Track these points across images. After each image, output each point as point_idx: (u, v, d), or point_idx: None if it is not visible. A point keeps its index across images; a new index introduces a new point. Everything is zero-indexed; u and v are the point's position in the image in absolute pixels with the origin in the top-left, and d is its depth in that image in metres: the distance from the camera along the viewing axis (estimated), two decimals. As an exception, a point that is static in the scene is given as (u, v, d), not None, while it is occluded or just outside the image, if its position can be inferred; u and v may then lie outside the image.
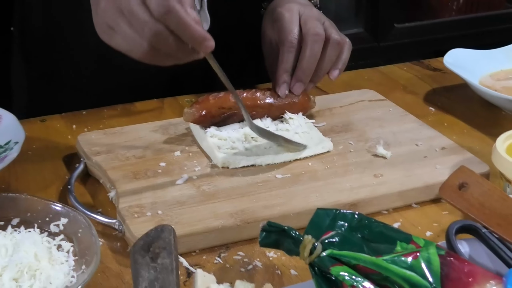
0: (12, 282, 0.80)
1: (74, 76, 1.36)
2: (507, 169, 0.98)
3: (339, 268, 0.70)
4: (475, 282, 0.70)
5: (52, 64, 1.35)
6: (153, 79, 1.34)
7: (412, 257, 0.71)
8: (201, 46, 0.90)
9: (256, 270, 0.88)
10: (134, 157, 1.08)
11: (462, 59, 1.38)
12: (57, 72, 1.36)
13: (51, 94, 1.36)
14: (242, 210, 0.95)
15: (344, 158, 1.09)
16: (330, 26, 1.18)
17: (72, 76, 1.36)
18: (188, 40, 0.89)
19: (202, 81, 1.37)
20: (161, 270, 0.73)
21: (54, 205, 0.91)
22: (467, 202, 0.84)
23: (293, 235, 0.74)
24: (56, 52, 1.34)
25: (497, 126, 1.16)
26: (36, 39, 1.36)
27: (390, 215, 1.00)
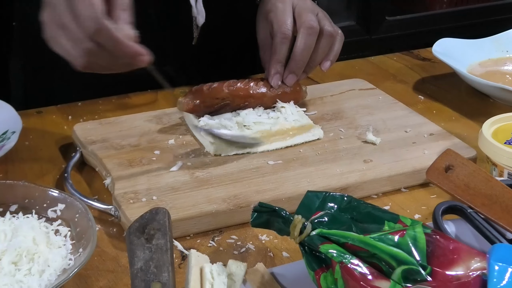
0: (11, 266, 0.82)
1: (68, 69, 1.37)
2: (493, 153, 1.00)
3: (328, 246, 0.72)
4: (460, 258, 0.72)
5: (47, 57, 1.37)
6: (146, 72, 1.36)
7: (399, 235, 0.73)
8: (135, 61, 0.92)
9: (249, 252, 0.90)
10: (129, 145, 1.10)
11: (450, 48, 1.41)
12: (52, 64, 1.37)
13: (47, 86, 1.38)
14: (235, 195, 0.97)
15: (334, 144, 1.11)
16: (323, 17, 1.19)
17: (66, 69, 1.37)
18: (122, 57, 0.91)
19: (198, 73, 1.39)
20: (156, 250, 0.75)
21: (51, 191, 0.93)
22: (453, 184, 0.86)
23: (284, 215, 0.76)
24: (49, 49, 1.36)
25: (485, 113, 1.18)
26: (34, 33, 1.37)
27: (379, 199, 1.02)
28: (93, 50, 0.90)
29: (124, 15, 0.91)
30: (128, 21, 0.92)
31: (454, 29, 2.74)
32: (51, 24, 0.92)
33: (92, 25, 0.88)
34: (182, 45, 1.35)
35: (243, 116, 1.14)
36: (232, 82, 1.16)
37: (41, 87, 1.39)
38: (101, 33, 0.88)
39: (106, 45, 0.89)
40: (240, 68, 1.45)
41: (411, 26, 2.77)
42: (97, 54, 0.90)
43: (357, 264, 0.71)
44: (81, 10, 0.88)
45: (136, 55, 0.91)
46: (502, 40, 1.47)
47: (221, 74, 1.37)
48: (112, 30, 0.89)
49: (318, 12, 1.19)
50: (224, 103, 1.15)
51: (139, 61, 0.92)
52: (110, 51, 0.90)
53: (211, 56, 1.40)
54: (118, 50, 0.90)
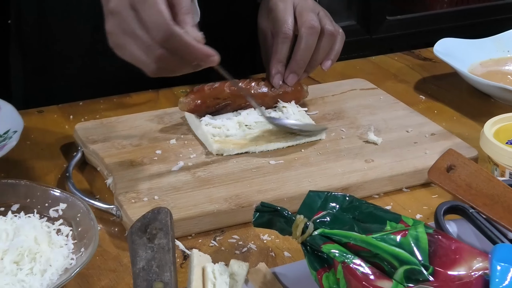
0: (13, 265, 0.82)
1: (68, 68, 1.38)
2: (495, 153, 1.01)
3: (330, 246, 0.72)
4: (462, 258, 0.72)
5: (47, 56, 1.37)
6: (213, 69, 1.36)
7: (401, 235, 0.73)
8: (206, 63, 0.93)
9: (251, 252, 0.91)
10: (131, 145, 1.10)
11: (452, 48, 1.41)
12: (52, 64, 1.38)
13: (48, 86, 1.38)
14: (236, 195, 0.97)
15: (336, 144, 1.11)
16: (324, 16, 1.19)
17: (66, 68, 1.38)
18: (193, 60, 0.92)
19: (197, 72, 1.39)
20: (158, 250, 0.75)
21: (53, 191, 0.93)
22: (455, 184, 0.86)
23: (286, 215, 0.76)
24: (49, 44, 1.36)
25: (486, 113, 1.18)
26: (30, 32, 1.37)
27: (381, 199, 1.02)
28: (165, 56, 0.90)
29: (188, 19, 0.92)
30: (193, 24, 0.92)
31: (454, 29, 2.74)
32: (117, 33, 0.93)
33: (162, 32, 0.89)
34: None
35: (244, 116, 1.14)
36: (233, 82, 1.15)
37: (42, 86, 1.39)
38: (172, 39, 0.89)
39: (177, 50, 0.90)
40: (240, 68, 1.45)
41: (412, 26, 2.77)
42: (169, 59, 0.91)
43: (359, 264, 0.71)
44: (149, 17, 0.89)
45: (207, 57, 0.92)
46: (503, 40, 1.47)
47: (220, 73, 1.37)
48: (182, 35, 0.90)
49: (319, 11, 1.19)
50: (226, 103, 1.15)
51: (210, 62, 0.93)
52: (181, 55, 0.91)
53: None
54: (189, 54, 0.91)
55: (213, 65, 0.94)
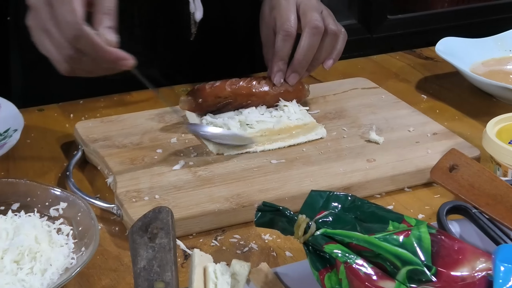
0: (13, 264, 0.82)
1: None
2: (497, 153, 1.00)
3: (333, 246, 0.72)
4: (465, 259, 0.71)
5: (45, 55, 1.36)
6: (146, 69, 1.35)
7: (403, 235, 0.72)
8: (118, 66, 0.92)
9: (252, 252, 0.90)
10: (131, 144, 1.10)
11: (453, 47, 1.40)
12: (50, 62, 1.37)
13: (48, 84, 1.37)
14: (237, 194, 0.97)
15: (337, 143, 1.10)
16: (327, 15, 1.18)
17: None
18: (104, 62, 0.91)
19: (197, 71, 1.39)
20: (159, 249, 0.74)
21: (54, 189, 0.93)
22: (457, 183, 0.85)
23: (288, 214, 0.76)
24: None
25: (488, 113, 1.18)
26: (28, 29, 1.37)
27: (383, 198, 1.02)
28: (75, 55, 0.90)
29: (106, 20, 0.91)
30: (109, 25, 0.91)
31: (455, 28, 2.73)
32: (35, 28, 0.93)
33: (71, 31, 0.88)
34: (180, 40, 1.35)
35: (245, 115, 1.13)
36: (234, 80, 1.15)
37: (42, 84, 1.38)
38: (80, 39, 0.88)
39: (86, 51, 0.90)
40: (239, 66, 1.45)
41: (413, 25, 2.76)
42: (79, 59, 0.91)
43: (361, 264, 0.70)
44: (61, 15, 0.88)
45: (117, 60, 0.91)
46: (505, 39, 1.47)
47: (220, 71, 1.37)
48: (91, 36, 0.89)
49: (322, 9, 1.18)
50: (227, 102, 1.14)
51: (121, 66, 0.92)
52: (91, 56, 0.90)
53: (210, 53, 1.40)
54: (100, 56, 0.90)
55: (126, 69, 0.93)
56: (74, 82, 1.36)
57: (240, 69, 1.42)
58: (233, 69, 1.41)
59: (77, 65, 0.92)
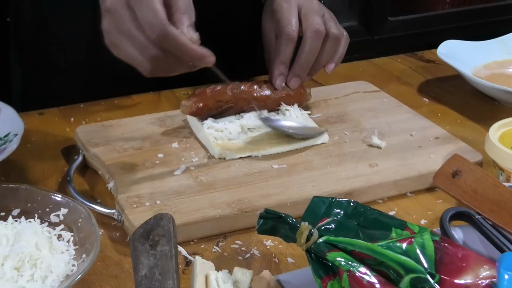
0: (14, 271, 0.81)
1: (68, 68, 1.37)
2: (500, 157, 1.00)
3: (336, 253, 0.71)
4: (469, 266, 0.71)
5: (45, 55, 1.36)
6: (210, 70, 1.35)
7: (407, 242, 0.72)
8: (202, 63, 0.92)
9: (254, 258, 0.90)
10: (132, 148, 1.09)
11: (455, 50, 1.40)
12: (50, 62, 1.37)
13: (49, 88, 1.37)
14: (239, 200, 0.96)
15: (339, 148, 1.10)
16: (329, 19, 1.18)
17: (65, 68, 1.37)
18: (188, 60, 0.91)
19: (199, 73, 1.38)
20: (161, 257, 0.74)
21: (54, 195, 0.92)
22: (460, 189, 0.85)
23: (290, 222, 0.75)
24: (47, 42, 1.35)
25: (490, 116, 1.17)
26: (28, 29, 1.36)
27: (385, 204, 1.01)
28: (160, 56, 0.89)
29: (185, 19, 0.91)
30: (189, 24, 0.91)
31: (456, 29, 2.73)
32: (113, 32, 0.92)
33: (157, 32, 0.87)
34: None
35: (246, 119, 1.13)
36: (235, 84, 1.15)
37: (43, 88, 1.38)
38: (167, 39, 0.88)
39: (172, 50, 0.89)
40: (238, 69, 1.44)
41: (414, 27, 2.76)
42: (164, 59, 0.90)
43: (364, 272, 0.70)
44: (144, 16, 0.88)
45: (202, 58, 0.91)
46: (507, 42, 1.46)
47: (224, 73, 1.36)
48: (177, 35, 0.88)
49: (324, 13, 1.18)
50: (228, 106, 1.14)
51: (205, 63, 0.92)
52: (176, 55, 0.90)
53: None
54: (185, 55, 0.90)
55: (209, 65, 0.93)
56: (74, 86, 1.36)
57: (241, 71, 1.42)
58: (234, 71, 1.41)
59: (160, 65, 0.91)
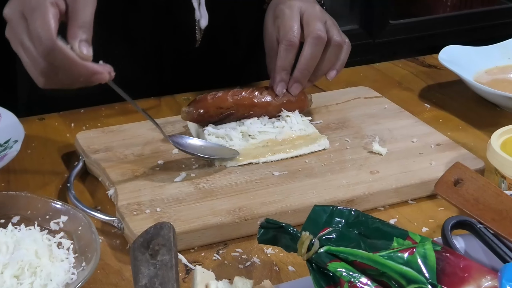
0: (13, 279, 0.81)
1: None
2: (502, 165, 0.99)
3: (337, 264, 0.71)
4: (470, 277, 0.71)
5: None
6: (148, 77, 1.35)
7: (408, 253, 0.72)
8: (92, 80, 0.91)
9: (254, 266, 0.89)
10: (133, 155, 1.09)
11: (457, 55, 1.39)
12: None
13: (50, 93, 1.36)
14: (240, 207, 0.96)
15: (340, 155, 1.10)
16: (332, 25, 1.17)
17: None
18: (78, 76, 0.90)
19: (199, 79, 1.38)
20: (161, 266, 0.74)
21: (54, 203, 0.92)
22: (462, 198, 0.84)
23: (291, 231, 0.75)
24: None
25: (492, 123, 1.17)
26: None
27: (386, 211, 1.01)
28: (49, 69, 0.89)
29: (80, 33, 0.90)
30: (84, 38, 0.90)
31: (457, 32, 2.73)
32: (12, 40, 0.92)
33: (44, 46, 0.87)
34: (185, 48, 1.34)
35: (247, 125, 1.12)
36: (236, 91, 1.14)
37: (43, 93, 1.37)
38: (53, 54, 0.87)
39: (60, 65, 0.89)
40: (245, 73, 1.44)
41: (415, 30, 2.77)
42: (55, 73, 0.90)
43: (366, 283, 0.70)
44: (34, 29, 0.88)
45: (92, 75, 0.90)
46: (509, 47, 1.46)
47: (225, 79, 1.36)
48: (64, 50, 0.88)
49: (326, 20, 1.17)
50: (229, 113, 1.13)
51: (97, 80, 0.91)
52: (66, 71, 0.89)
53: (215, 60, 1.39)
54: (74, 71, 0.89)
55: (102, 82, 0.92)
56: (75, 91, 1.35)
57: (246, 77, 1.42)
58: (239, 77, 1.41)
59: (53, 79, 0.91)
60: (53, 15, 0.88)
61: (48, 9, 0.88)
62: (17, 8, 0.90)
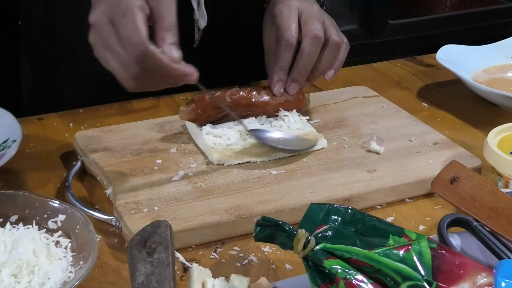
0: (11, 278, 0.81)
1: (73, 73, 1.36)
2: (499, 163, 0.99)
3: (333, 261, 0.71)
4: (466, 274, 0.71)
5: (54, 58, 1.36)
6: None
7: (404, 250, 0.72)
8: (184, 81, 0.92)
9: (252, 264, 0.89)
10: (131, 154, 1.09)
11: (454, 55, 1.39)
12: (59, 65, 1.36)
13: (49, 93, 1.37)
14: (237, 206, 0.96)
15: (338, 154, 1.10)
16: (330, 25, 1.17)
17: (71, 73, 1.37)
18: (170, 79, 0.92)
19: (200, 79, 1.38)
20: (158, 264, 0.74)
21: (52, 202, 0.92)
22: (459, 196, 0.85)
23: (287, 229, 0.75)
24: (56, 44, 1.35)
25: (490, 122, 1.17)
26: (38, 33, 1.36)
27: (383, 209, 1.01)
28: (142, 73, 0.90)
29: (169, 36, 0.91)
30: (173, 41, 0.91)
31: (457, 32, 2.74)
32: (99, 46, 0.92)
33: (137, 51, 0.88)
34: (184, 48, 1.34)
35: (245, 124, 1.13)
36: (234, 90, 1.15)
37: (42, 93, 1.38)
38: (146, 58, 0.88)
39: (153, 69, 0.89)
40: (246, 73, 1.44)
41: (414, 30, 2.77)
42: (146, 77, 0.90)
43: (361, 280, 0.70)
44: (125, 34, 0.88)
45: (184, 76, 0.92)
46: (507, 46, 1.46)
47: (226, 79, 1.36)
48: (157, 55, 0.89)
49: (325, 19, 1.17)
50: (226, 112, 1.14)
51: (187, 81, 0.93)
52: (158, 74, 0.90)
53: (216, 60, 1.39)
54: (166, 74, 0.90)
55: (191, 83, 0.94)
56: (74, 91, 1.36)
57: (247, 76, 1.42)
58: (240, 76, 1.41)
59: (144, 82, 0.91)
60: (142, 20, 0.89)
61: (137, 14, 0.88)
62: (105, 14, 0.90)
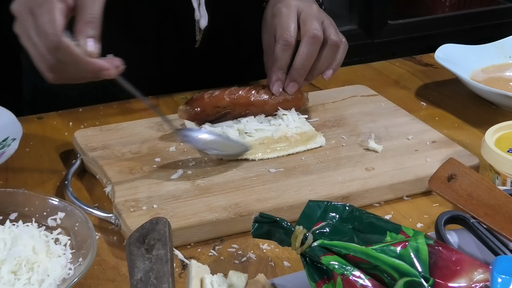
0: (11, 275, 0.82)
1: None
2: (496, 161, 1.00)
3: (330, 257, 0.72)
4: (462, 270, 0.71)
5: None
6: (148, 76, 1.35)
7: (401, 246, 0.72)
8: (100, 76, 0.92)
9: (250, 262, 0.90)
10: (130, 152, 1.10)
11: (453, 54, 1.40)
12: None
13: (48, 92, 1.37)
14: (236, 204, 0.97)
15: (336, 152, 1.10)
16: (329, 25, 1.17)
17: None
18: (85, 72, 0.91)
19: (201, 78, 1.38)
20: (156, 261, 0.74)
21: (51, 199, 0.93)
22: (456, 193, 0.85)
23: (285, 225, 0.75)
24: None
25: (488, 120, 1.18)
26: None
27: (381, 207, 1.02)
28: (57, 65, 0.90)
29: (88, 29, 0.91)
30: (91, 34, 0.91)
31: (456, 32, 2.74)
32: (21, 35, 0.93)
33: (50, 42, 0.88)
34: (185, 47, 1.35)
35: (244, 123, 1.13)
36: (233, 90, 1.15)
37: (42, 92, 1.38)
38: (59, 50, 0.88)
39: (67, 61, 0.90)
40: (247, 73, 1.44)
41: (414, 30, 2.77)
42: (62, 68, 0.91)
43: (358, 276, 0.70)
44: (41, 25, 0.88)
45: (98, 71, 0.91)
46: (505, 45, 1.47)
47: (227, 78, 1.36)
48: (70, 47, 0.89)
49: (324, 19, 1.17)
50: (225, 112, 1.14)
51: (104, 76, 0.92)
52: (73, 66, 0.90)
53: (217, 60, 1.39)
54: (80, 67, 0.90)
55: (109, 78, 0.93)
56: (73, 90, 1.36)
57: (247, 76, 1.42)
58: (241, 76, 1.41)
59: (61, 74, 0.92)
60: (60, 11, 0.89)
61: (55, 5, 0.89)
62: (25, 4, 0.90)
